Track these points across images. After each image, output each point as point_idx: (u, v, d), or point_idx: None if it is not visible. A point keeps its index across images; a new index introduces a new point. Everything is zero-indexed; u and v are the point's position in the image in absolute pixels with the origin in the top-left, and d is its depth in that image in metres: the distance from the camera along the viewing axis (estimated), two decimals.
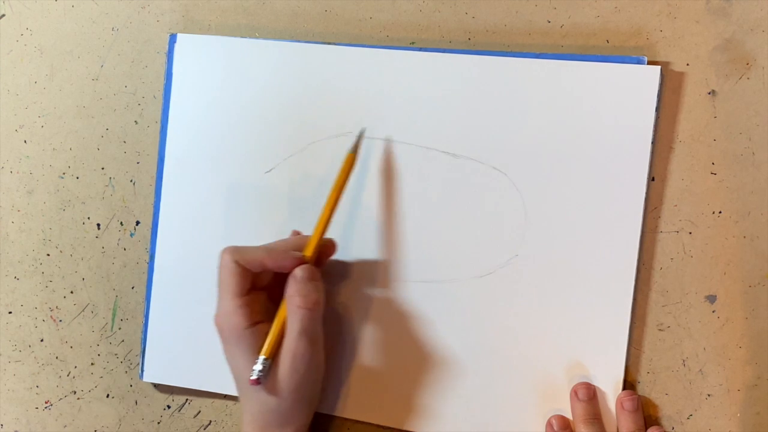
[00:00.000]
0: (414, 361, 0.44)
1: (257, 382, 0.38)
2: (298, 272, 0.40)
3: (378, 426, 0.45)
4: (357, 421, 0.45)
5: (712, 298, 0.41)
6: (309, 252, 0.41)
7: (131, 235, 0.49)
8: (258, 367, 0.38)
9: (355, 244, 0.44)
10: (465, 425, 0.43)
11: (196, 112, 0.47)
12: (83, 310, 0.50)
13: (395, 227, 0.44)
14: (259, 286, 0.41)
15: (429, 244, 0.43)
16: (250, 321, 0.39)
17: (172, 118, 0.47)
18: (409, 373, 0.44)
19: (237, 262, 0.39)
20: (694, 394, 0.42)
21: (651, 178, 0.41)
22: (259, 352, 0.39)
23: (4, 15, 0.50)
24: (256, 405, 0.40)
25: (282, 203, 0.45)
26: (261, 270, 0.40)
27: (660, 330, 0.42)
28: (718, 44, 0.41)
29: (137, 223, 0.49)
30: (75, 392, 0.50)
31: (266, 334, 0.39)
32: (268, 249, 0.40)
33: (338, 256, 0.44)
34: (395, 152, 0.44)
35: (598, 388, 0.41)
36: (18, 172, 0.50)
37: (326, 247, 0.42)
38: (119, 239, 0.49)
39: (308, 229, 0.43)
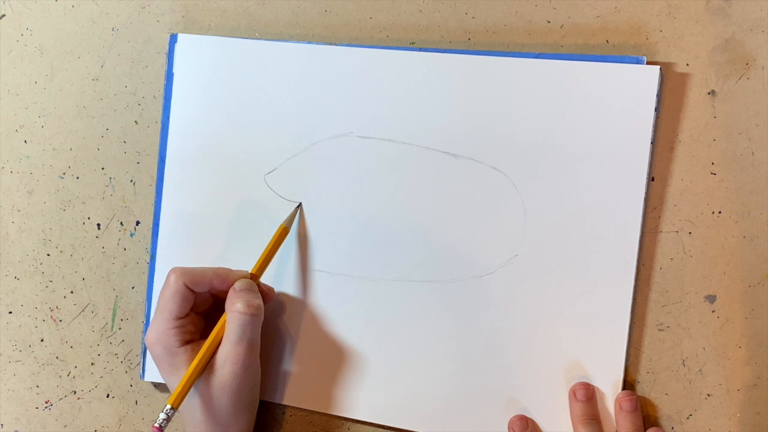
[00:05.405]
0: (414, 361, 0.44)
1: (159, 430, 0.38)
2: (238, 284, 0.41)
3: (379, 426, 0.45)
4: (358, 421, 0.45)
5: (711, 298, 0.41)
6: (254, 270, 0.43)
7: (131, 235, 0.49)
8: (162, 416, 0.39)
9: (355, 244, 0.44)
10: (464, 424, 0.43)
11: (197, 113, 0.47)
12: (83, 310, 0.50)
13: (396, 227, 0.44)
14: (197, 310, 0.43)
15: (429, 244, 0.43)
16: (183, 341, 0.41)
17: (173, 118, 0.47)
18: (409, 372, 0.44)
19: (185, 285, 0.41)
20: (694, 394, 0.42)
21: (651, 178, 0.41)
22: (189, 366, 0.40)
23: (4, 15, 0.50)
24: (197, 414, 0.41)
25: (283, 204, 0.45)
26: (208, 289, 0.42)
27: (660, 330, 0.42)
28: (718, 44, 0.41)
29: (137, 223, 0.49)
30: (75, 392, 0.50)
31: (198, 350, 0.40)
32: (214, 269, 0.42)
33: (340, 256, 0.44)
34: (396, 152, 0.44)
35: (598, 388, 0.41)
36: (18, 172, 0.50)
37: (264, 293, 0.43)
38: (119, 239, 0.49)
39: (311, 230, 0.43)
